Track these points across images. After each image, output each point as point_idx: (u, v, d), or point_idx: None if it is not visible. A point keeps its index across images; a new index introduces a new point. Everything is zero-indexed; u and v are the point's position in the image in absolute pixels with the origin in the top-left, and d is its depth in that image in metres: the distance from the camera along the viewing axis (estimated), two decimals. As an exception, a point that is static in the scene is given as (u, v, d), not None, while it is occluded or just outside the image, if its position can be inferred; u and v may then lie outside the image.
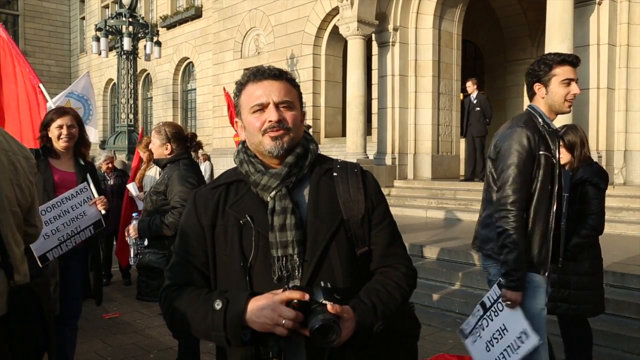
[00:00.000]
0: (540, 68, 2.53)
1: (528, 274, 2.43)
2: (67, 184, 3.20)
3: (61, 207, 3.09)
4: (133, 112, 12.21)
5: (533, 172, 2.45)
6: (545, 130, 2.50)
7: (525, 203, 2.44)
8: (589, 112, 8.12)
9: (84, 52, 29.15)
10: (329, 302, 1.24)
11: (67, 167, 3.26)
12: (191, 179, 3.14)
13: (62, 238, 3.10)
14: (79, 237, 3.20)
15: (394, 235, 1.51)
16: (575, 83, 2.50)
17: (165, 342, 4.35)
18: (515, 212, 2.41)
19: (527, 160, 2.44)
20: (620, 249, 5.28)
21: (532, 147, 2.44)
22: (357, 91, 10.74)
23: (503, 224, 2.42)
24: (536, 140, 2.45)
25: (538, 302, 2.47)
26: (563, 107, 2.52)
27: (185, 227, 1.50)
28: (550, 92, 2.51)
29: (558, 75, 2.49)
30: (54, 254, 3.07)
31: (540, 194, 2.45)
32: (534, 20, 13.53)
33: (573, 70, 2.50)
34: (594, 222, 3.18)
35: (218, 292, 1.37)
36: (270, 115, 1.39)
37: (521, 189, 2.42)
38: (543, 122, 2.52)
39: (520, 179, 2.42)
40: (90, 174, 3.34)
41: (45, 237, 3.00)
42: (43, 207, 2.99)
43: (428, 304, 5.27)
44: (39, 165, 3.11)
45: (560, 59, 2.50)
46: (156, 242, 3.23)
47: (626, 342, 4.03)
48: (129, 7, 11.76)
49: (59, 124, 3.19)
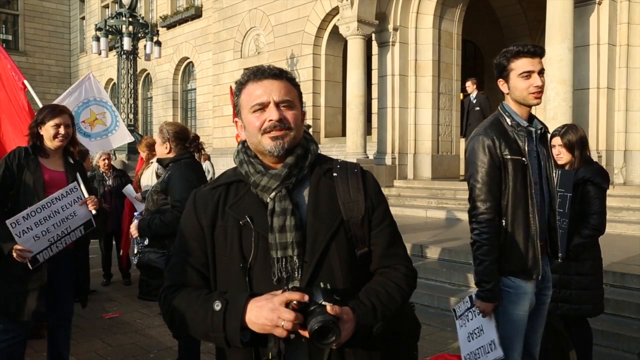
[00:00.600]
0: (500, 63, 2.41)
1: (514, 280, 2.39)
2: (57, 183, 3.14)
3: (51, 208, 3.02)
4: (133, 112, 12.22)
5: (503, 179, 2.36)
6: (514, 131, 2.38)
7: (498, 211, 2.37)
8: (589, 112, 8.12)
9: (84, 52, 29.14)
10: (329, 303, 1.23)
11: (56, 166, 3.20)
12: (191, 178, 3.15)
13: (52, 239, 3.05)
14: (69, 238, 3.15)
15: (394, 236, 1.50)
16: (537, 74, 2.32)
17: (165, 342, 4.35)
18: (485, 224, 2.35)
19: (490, 169, 2.35)
20: (620, 249, 5.28)
21: (494, 155, 2.34)
22: (357, 91, 10.74)
23: (473, 236, 2.40)
24: (499, 145, 2.33)
25: (521, 308, 2.41)
26: (528, 99, 2.36)
27: (185, 227, 1.49)
28: (511, 88, 2.39)
29: (515, 69, 2.35)
30: (45, 256, 3.02)
31: (514, 199, 2.36)
32: (534, 20, 13.53)
33: (532, 62, 2.32)
34: (596, 222, 3.17)
35: (217, 293, 1.37)
36: (270, 114, 1.38)
37: (487, 200, 2.35)
38: (511, 122, 2.39)
39: (485, 189, 2.35)
40: (79, 173, 3.28)
41: (35, 239, 2.95)
42: (33, 208, 2.95)
43: (428, 304, 5.27)
44: (29, 164, 3.06)
45: (515, 50, 2.35)
46: (156, 242, 3.24)
47: (626, 342, 4.03)
48: (129, 7, 11.77)
49: (55, 123, 3.12)
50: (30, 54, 28.79)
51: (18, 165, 3.04)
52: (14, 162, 3.04)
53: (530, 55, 2.33)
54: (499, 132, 2.39)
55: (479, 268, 2.38)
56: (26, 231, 2.93)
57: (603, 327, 4.13)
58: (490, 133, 2.38)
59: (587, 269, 3.19)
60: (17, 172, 3.03)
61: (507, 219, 2.38)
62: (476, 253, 2.39)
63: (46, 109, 3.22)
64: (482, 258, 2.36)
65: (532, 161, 2.40)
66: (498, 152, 2.35)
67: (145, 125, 24.29)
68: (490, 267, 2.35)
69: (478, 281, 2.40)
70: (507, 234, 2.38)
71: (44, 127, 3.13)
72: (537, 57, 2.34)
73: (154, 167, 5.01)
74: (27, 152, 3.10)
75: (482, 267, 2.36)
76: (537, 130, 2.44)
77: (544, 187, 2.47)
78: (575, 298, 3.16)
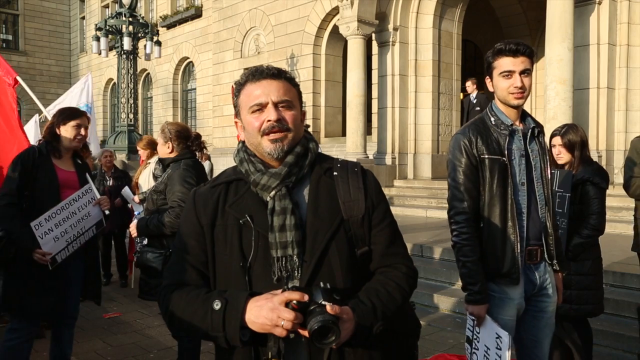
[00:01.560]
0: (486, 60, 2.35)
1: (497, 284, 2.30)
2: (69, 183, 3.19)
3: (69, 209, 3.09)
4: (133, 112, 12.22)
5: (480, 178, 2.30)
6: (497, 131, 2.31)
7: (477, 212, 2.31)
8: (589, 111, 8.12)
9: (84, 52, 29.14)
10: (328, 303, 1.23)
11: (68, 167, 3.25)
12: (190, 179, 3.15)
13: (69, 239, 3.11)
14: (83, 238, 3.21)
15: (395, 235, 1.50)
16: (518, 75, 2.23)
17: (165, 342, 4.35)
18: (463, 224, 2.28)
19: (466, 169, 2.30)
20: (620, 249, 5.26)
21: (470, 154, 2.29)
22: (357, 91, 10.74)
23: (453, 238, 2.33)
24: (475, 144, 2.28)
25: (506, 313, 2.32)
26: (508, 99, 2.28)
27: (185, 226, 1.49)
28: (495, 86, 2.32)
29: (497, 68, 2.28)
30: (62, 256, 3.08)
31: (490, 199, 2.28)
32: (534, 20, 13.53)
33: (514, 61, 2.23)
34: (595, 222, 3.16)
35: (217, 292, 1.37)
36: (269, 114, 1.38)
37: (464, 199, 2.29)
38: (495, 120, 2.32)
39: (462, 188, 2.30)
40: (87, 173, 3.33)
41: (55, 240, 3.01)
42: (54, 210, 3.00)
43: (428, 304, 5.27)
44: (43, 165, 3.08)
45: (498, 49, 2.27)
46: (155, 241, 3.25)
47: (626, 341, 4.03)
48: (129, 7, 11.76)
49: (77, 123, 3.16)
50: (30, 53, 28.78)
51: (33, 166, 3.07)
52: (29, 163, 3.06)
53: (512, 54, 2.23)
54: (478, 131, 2.32)
55: (463, 271, 2.29)
56: (47, 232, 2.98)
57: (603, 327, 4.13)
58: (468, 133, 2.32)
59: (587, 269, 3.19)
60: (33, 172, 3.06)
61: (483, 220, 2.30)
62: (458, 255, 2.31)
63: (67, 110, 3.26)
64: (464, 260, 2.28)
65: (516, 161, 2.31)
66: (475, 151, 2.29)
67: (145, 125, 24.29)
68: (473, 269, 2.26)
69: (464, 284, 2.30)
70: (484, 236, 2.30)
71: (64, 127, 3.16)
72: (519, 56, 2.23)
73: (151, 168, 5.00)
74: (40, 152, 3.12)
75: (466, 270, 2.28)
76: (528, 130, 2.35)
77: (536, 188, 2.35)
78: (575, 298, 3.15)
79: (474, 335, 2.38)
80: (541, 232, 2.36)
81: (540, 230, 2.36)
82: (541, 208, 2.36)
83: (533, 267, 2.35)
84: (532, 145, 2.36)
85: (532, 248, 2.32)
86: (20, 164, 3.05)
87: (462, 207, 2.29)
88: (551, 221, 2.38)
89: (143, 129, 23.49)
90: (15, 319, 3.09)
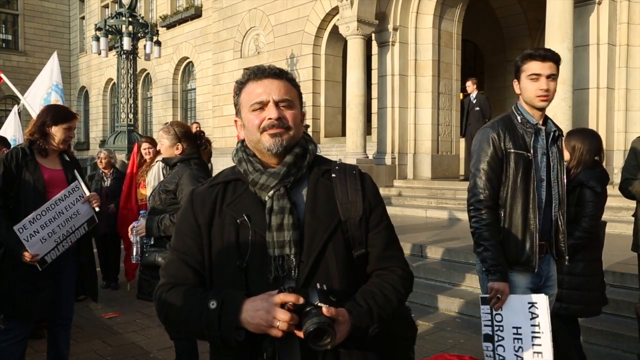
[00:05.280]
0: (515, 63, 2.55)
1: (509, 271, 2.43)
2: (57, 182, 3.14)
3: (55, 209, 3.03)
4: (133, 112, 12.20)
5: (504, 171, 2.46)
6: (523, 128, 2.49)
7: (496, 201, 2.47)
8: (589, 111, 8.12)
9: (83, 52, 29.12)
10: (324, 305, 1.23)
11: (54, 165, 3.20)
12: (202, 178, 3.11)
13: (58, 239, 3.07)
14: (74, 236, 3.17)
15: (391, 238, 1.50)
16: (544, 78, 2.44)
17: (165, 342, 4.34)
18: (484, 210, 2.44)
19: (492, 160, 2.46)
20: (620, 249, 5.26)
21: (497, 147, 2.46)
22: (357, 91, 10.74)
23: (473, 224, 2.48)
24: (503, 138, 2.46)
25: None
26: (534, 101, 2.48)
27: (182, 225, 1.49)
28: (522, 89, 2.51)
29: (526, 71, 2.47)
30: (52, 256, 3.04)
31: (513, 191, 2.44)
32: (534, 20, 13.54)
33: (542, 65, 2.44)
34: (587, 225, 3.19)
35: (213, 292, 1.36)
36: (269, 113, 1.39)
37: (486, 188, 2.45)
38: (522, 119, 2.50)
39: (485, 178, 2.46)
40: (76, 170, 3.27)
41: (42, 242, 2.97)
42: (38, 212, 2.95)
43: (428, 303, 5.26)
44: (28, 165, 3.03)
45: (527, 54, 2.48)
46: (162, 241, 3.20)
47: (626, 342, 4.03)
48: (128, 7, 11.75)
49: (69, 126, 3.13)
50: (30, 53, 28.77)
51: (17, 167, 3.02)
52: (12, 163, 3.01)
53: (541, 59, 2.43)
54: (506, 126, 2.49)
55: (487, 254, 2.41)
56: (33, 235, 2.93)
57: (602, 327, 4.13)
58: (497, 127, 2.49)
59: (579, 269, 3.21)
60: (17, 173, 3.01)
61: (505, 210, 2.46)
62: (478, 241, 2.44)
63: (57, 110, 3.19)
64: (485, 244, 2.41)
65: (538, 158, 2.48)
66: (502, 144, 2.45)
67: (145, 125, 24.27)
68: (494, 250, 2.40)
69: (487, 266, 2.41)
70: (504, 225, 2.45)
71: (55, 128, 3.11)
72: (548, 62, 2.43)
73: (160, 166, 4.94)
74: (24, 152, 3.06)
75: (488, 252, 2.41)
76: (550, 132, 2.53)
77: (552, 187, 2.52)
78: (565, 297, 3.18)
79: (494, 329, 2.41)
80: (551, 229, 2.53)
81: (550, 227, 2.53)
82: (555, 206, 2.53)
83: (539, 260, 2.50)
84: (552, 147, 2.54)
85: (542, 243, 2.48)
86: (2, 166, 3.00)
87: (483, 196, 2.46)
88: (563, 220, 2.55)
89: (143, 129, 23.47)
90: (7, 320, 3.07)
